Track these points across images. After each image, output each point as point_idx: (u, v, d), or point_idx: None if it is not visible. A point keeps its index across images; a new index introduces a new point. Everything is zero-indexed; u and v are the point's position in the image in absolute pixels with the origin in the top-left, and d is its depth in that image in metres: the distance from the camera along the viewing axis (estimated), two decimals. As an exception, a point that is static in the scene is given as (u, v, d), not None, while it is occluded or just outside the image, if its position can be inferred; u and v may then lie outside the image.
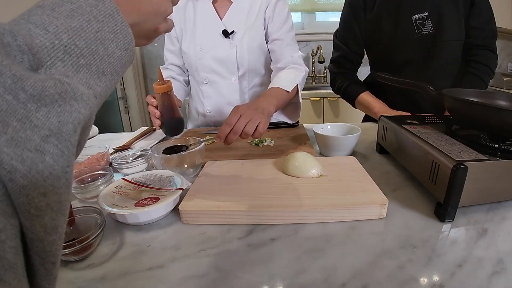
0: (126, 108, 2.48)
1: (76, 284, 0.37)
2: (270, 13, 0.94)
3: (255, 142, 0.80)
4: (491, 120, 0.49)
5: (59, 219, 0.20)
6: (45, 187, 0.18)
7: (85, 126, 0.21)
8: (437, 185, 0.47)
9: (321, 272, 0.37)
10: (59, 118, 0.19)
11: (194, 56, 0.97)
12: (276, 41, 0.96)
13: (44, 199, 0.18)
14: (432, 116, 0.68)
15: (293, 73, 0.89)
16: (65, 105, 0.19)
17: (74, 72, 0.21)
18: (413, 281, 0.35)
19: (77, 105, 0.20)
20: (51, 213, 0.19)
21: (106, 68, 0.24)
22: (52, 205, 0.19)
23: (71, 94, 0.20)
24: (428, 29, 0.93)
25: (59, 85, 0.19)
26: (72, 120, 0.20)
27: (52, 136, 0.18)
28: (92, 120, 0.23)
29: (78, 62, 0.22)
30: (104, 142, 0.93)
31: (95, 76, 0.23)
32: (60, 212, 0.20)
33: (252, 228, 0.46)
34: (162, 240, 0.44)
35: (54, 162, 0.18)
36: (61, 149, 0.19)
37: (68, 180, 0.20)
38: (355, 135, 0.69)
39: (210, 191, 0.53)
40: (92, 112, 0.22)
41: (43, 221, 0.18)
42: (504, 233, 0.42)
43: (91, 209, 0.46)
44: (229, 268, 0.38)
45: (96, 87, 0.23)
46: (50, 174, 0.18)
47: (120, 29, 0.25)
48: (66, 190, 0.20)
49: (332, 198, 0.48)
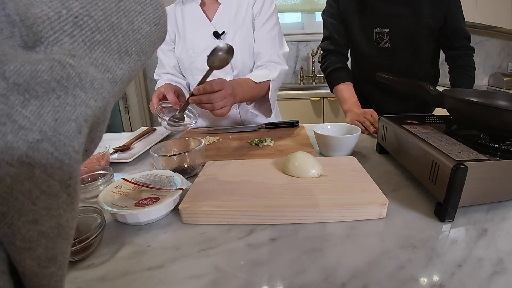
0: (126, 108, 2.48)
1: (76, 284, 0.37)
2: (257, 9, 0.95)
3: (255, 142, 0.80)
4: (491, 120, 0.49)
5: (60, 246, 0.16)
6: (35, 211, 0.14)
7: (96, 122, 0.17)
8: (437, 185, 0.47)
9: (321, 272, 0.37)
10: (56, 115, 0.14)
11: (187, 60, 0.98)
12: (257, 39, 0.96)
13: (34, 227, 0.14)
14: (432, 116, 0.68)
15: (266, 70, 0.91)
16: (66, 96, 0.15)
17: (86, 51, 0.17)
18: (413, 281, 0.35)
19: (84, 96, 0.15)
20: (47, 242, 0.15)
21: (131, 46, 0.19)
22: (47, 233, 0.14)
23: (76, 81, 0.15)
24: (385, 44, 1.02)
25: (57, 69, 0.14)
26: (76, 116, 0.15)
27: (45, 141, 0.14)
28: (108, 113, 0.18)
29: (93, 37, 0.17)
30: (104, 142, 0.93)
31: (116, 56, 0.18)
32: (61, 237, 0.15)
33: (252, 228, 0.46)
34: (162, 240, 0.44)
35: (49, 176, 0.14)
36: (58, 157, 0.14)
37: (71, 195, 0.15)
38: (355, 135, 0.69)
39: (210, 191, 0.53)
40: (107, 104, 0.17)
41: (35, 253, 0.14)
42: (504, 233, 0.42)
43: (91, 209, 0.46)
44: (229, 268, 0.38)
45: (116, 70, 0.18)
46: (42, 193, 0.14)
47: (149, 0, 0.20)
48: (69, 208, 0.15)
49: (332, 198, 0.48)
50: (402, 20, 0.96)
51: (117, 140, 0.88)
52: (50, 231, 0.15)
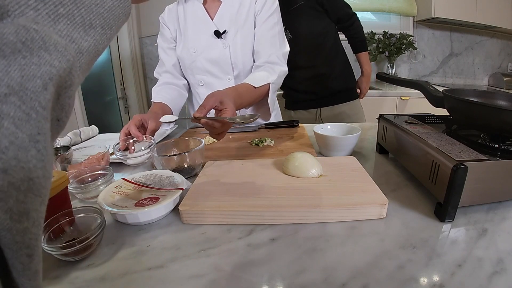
0: (126, 108, 2.48)
1: (76, 284, 0.37)
2: (259, 6, 0.93)
3: (255, 142, 0.80)
4: (491, 120, 0.49)
5: (32, 202, 0.16)
6: (5, 161, 0.14)
7: (63, 85, 0.18)
8: (437, 185, 0.47)
9: (321, 272, 0.37)
10: (22, 72, 0.15)
11: (188, 59, 0.97)
12: (256, 38, 0.95)
13: (4, 177, 0.14)
14: (432, 116, 0.68)
15: (265, 74, 0.88)
16: (31, 56, 0.16)
17: (50, 22, 0.18)
18: (413, 281, 0.35)
19: (48, 57, 0.17)
20: (18, 195, 0.15)
21: (94, 19, 0.20)
22: (17, 185, 0.15)
23: (40, 43, 0.16)
24: (288, 37, 1.32)
25: (22, 32, 0.16)
26: (41, 74, 0.16)
27: (13, 94, 0.15)
28: (75, 78, 0.19)
29: (56, 11, 0.18)
30: (104, 142, 0.93)
31: (80, 29, 0.20)
32: (32, 192, 0.16)
33: (252, 228, 0.46)
34: (162, 240, 0.44)
35: (17, 128, 0.15)
36: (25, 111, 0.15)
37: (41, 151, 0.16)
38: (355, 135, 0.69)
39: (210, 191, 0.53)
40: (71, 67, 0.18)
41: (6, 205, 0.15)
42: (504, 233, 0.42)
43: (91, 209, 0.46)
44: (229, 268, 0.38)
45: (81, 41, 0.20)
46: (11, 144, 0.15)
47: None
48: (40, 164, 0.16)
49: (332, 198, 0.48)
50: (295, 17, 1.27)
51: (117, 140, 0.88)
52: (20, 184, 0.15)
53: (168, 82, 1.01)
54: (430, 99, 0.63)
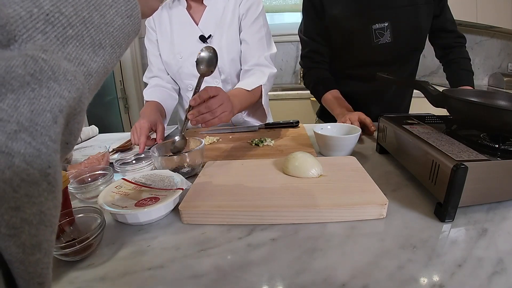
0: (126, 108, 2.48)
1: (76, 284, 0.37)
2: (244, 10, 0.93)
3: (255, 142, 0.80)
4: (491, 120, 0.49)
5: (43, 234, 0.16)
6: (17, 199, 0.14)
7: (72, 112, 0.18)
8: (437, 185, 0.47)
9: (321, 272, 0.37)
10: (31, 107, 0.15)
11: (175, 65, 0.97)
12: (244, 42, 0.95)
13: (17, 214, 0.14)
14: (432, 116, 0.68)
15: (255, 77, 0.90)
16: (40, 88, 0.15)
17: (59, 46, 0.17)
18: (413, 281, 0.35)
19: (57, 88, 0.16)
20: (30, 229, 0.15)
21: (104, 39, 0.20)
22: (30, 220, 0.15)
23: (49, 74, 0.16)
24: (386, 39, 0.96)
25: (30, 63, 0.15)
26: (51, 107, 0.16)
27: (23, 131, 0.14)
28: (84, 104, 0.19)
29: (65, 33, 0.18)
30: (104, 142, 0.94)
31: (90, 49, 0.19)
32: (44, 224, 0.16)
33: (252, 228, 0.46)
34: (162, 240, 0.44)
35: (28, 164, 0.14)
36: (36, 147, 0.15)
37: (51, 184, 0.16)
38: (355, 135, 0.69)
39: (210, 191, 0.53)
40: (81, 95, 0.18)
41: (20, 240, 0.15)
42: (504, 233, 0.42)
43: (91, 209, 0.46)
44: (229, 268, 0.38)
45: (90, 63, 0.19)
46: (23, 181, 0.14)
47: None
48: (51, 195, 0.16)
49: (332, 198, 0.48)
50: (400, 11, 0.94)
51: (117, 140, 0.88)
52: (32, 218, 0.15)
53: (158, 85, 1.01)
54: (430, 99, 0.63)
